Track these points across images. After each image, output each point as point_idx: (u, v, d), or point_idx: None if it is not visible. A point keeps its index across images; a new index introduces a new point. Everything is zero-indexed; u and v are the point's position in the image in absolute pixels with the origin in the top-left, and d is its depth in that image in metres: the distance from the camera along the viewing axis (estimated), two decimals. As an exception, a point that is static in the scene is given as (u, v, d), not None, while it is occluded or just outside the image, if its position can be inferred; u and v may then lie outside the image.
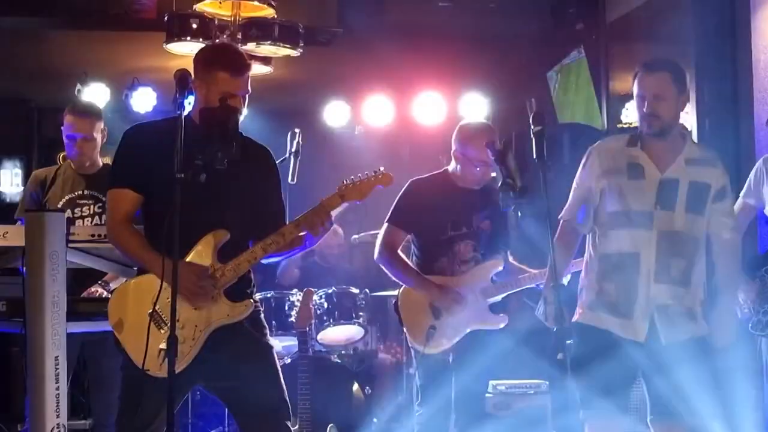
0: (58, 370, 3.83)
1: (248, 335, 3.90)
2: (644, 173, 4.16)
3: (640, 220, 4.12)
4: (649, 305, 4.08)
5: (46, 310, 3.82)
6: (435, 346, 5.09)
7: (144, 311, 3.73)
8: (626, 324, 4.10)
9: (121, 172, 3.93)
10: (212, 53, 4.00)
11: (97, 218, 5.18)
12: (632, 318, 4.09)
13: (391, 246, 5.24)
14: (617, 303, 4.13)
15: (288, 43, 6.79)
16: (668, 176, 4.15)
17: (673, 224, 4.12)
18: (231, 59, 3.91)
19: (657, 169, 4.16)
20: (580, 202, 4.27)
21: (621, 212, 4.14)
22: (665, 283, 4.10)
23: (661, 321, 4.08)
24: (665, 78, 4.15)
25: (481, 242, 5.26)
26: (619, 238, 4.15)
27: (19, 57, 8.93)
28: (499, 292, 5.23)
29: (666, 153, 4.20)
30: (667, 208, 4.13)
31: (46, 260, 3.82)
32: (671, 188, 4.14)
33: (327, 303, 6.78)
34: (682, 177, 4.16)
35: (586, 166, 4.29)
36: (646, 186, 4.14)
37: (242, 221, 3.93)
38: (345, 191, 3.98)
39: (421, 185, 5.30)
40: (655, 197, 4.12)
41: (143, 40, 8.00)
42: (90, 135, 5.27)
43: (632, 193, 4.14)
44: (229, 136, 3.55)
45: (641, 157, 4.19)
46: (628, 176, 4.16)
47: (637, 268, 4.11)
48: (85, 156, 5.29)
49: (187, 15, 6.72)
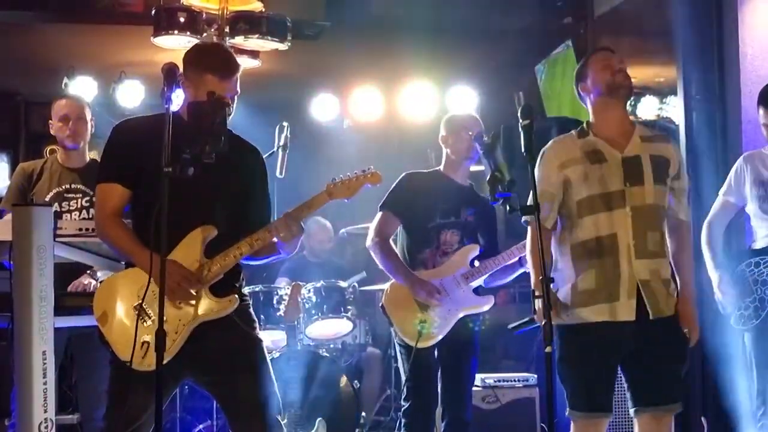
0: (45, 365, 3.82)
1: (237, 329, 3.90)
2: (605, 156, 4.15)
3: (612, 201, 4.09)
4: (633, 283, 4.05)
5: (34, 304, 3.81)
6: (427, 338, 5.11)
7: (129, 305, 3.74)
8: (614, 307, 4.06)
9: (110, 167, 3.93)
10: (201, 55, 3.99)
11: (84, 212, 5.18)
12: (619, 299, 4.05)
13: (383, 233, 5.30)
14: (600, 288, 4.08)
15: (276, 37, 6.76)
16: (628, 154, 4.15)
17: (644, 198, 4.11)
18: (220, 62, 3.92)
19: (616, 150, 4.16)
20: (540, 200, 4.22)
21: (591, 196, 4.12)
22: (645, 257, 4.07)
23: (646, 296, 4.05)
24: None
25: (467, 233, 5.32)
26: (594, 222, 4.11)
27: (5, 50, 8.91)
28: (480, 274, 5.26)
29: (619, 136, 4.20)
30: (637, 183, 4.11)
31: (34, 254, 3.81)
32: (635, 164, 4.14)
33: (315, 297, 6.78)
34: (642, 153, 4.16)
35: (541, 165, 4.25)
36: (611, 167, 4.13)
37: (229, 217, 3.93)
38: (333, 189, 3.99)
39: (414, 176, 5.43)
40: (622, 175, 4.11)
41: (130, 34, 7.98)
42: (82, 114, 5.31)
43: (598, 177, 4.12)
44: (217, 129, 3.55)
45: (597, 143, 4.19)
46: (590, 161, 4.15)
47: (617, 247, 4.07)
48: (80, 136, 5.31)
49: (175, 8, 6.69)
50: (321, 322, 6.78)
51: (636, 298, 4.05)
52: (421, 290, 5.12)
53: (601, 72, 4.23)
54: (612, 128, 4.22)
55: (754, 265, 4.74)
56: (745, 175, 4.92)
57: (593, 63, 4.29)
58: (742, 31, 6.18)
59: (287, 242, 3.91)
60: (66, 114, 5.27)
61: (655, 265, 4.10)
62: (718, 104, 6.38)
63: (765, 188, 4.87)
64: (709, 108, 6.41)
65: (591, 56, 4.35)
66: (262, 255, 4.02)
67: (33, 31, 8.58)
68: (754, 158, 4.98)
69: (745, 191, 4.91)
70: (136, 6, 6.90)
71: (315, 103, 9.16)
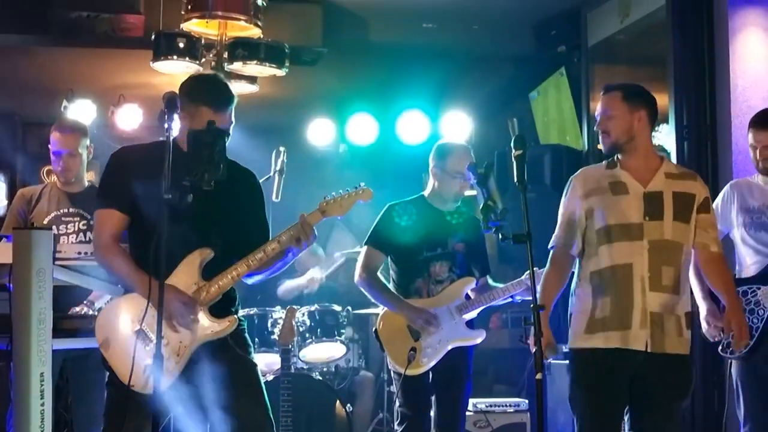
0: (43, 386, 3.86)
1: (232, 352, 3.95)
2: (628, 189, 4.24)
3: (630, 232, 4.18)
4: (645, 313, 4.14)
5: (32, 326, 3.84)
6: (416, 366, 5.15)
7: (130, 329, 3.79)
8: (626, 334, 4.14)
9: (108, 194, 3.99)
10: (197, 87, 4.05)
11: (81, 235, 5.21)
12: (631, 327, 4.14)
13: (370, 268, 5.33)
14: (614, 316, 4.17)
15: (274, 63, 6.84)
16: (651, 189, 4.24)
17: (662, 233, 4.19)
18: (215, 94, 3.99)
19: (639, 184, 4.25)
20: (569, 228, 4.32)
21: (611, 226, 4.21)
22: (658, 291, 4.16)
23: (656, 329, 4.14)
24: (616, 96, 4.32)
25: (456, 263, 5.34)
26: (611, 251, 4.20)
27: (5, 72, 8.96)
28: (474, 308, 5.30)
29: (645, 171, 4.29)
30: (656, 218, 4.20)
31: (33, 277, 3.85)
32: (656, 199, 4.23)
33: (309, 320, 6.82)
34: (665, 189, 4.25)
35: (569, 193, 4.37)
36: (632, 200, 4.22)
37: (226, 240, 3.98)
38: (326, 207, 4.05)
39: (398, 209, 5.40)
40: (642, 209, 4.20)
41: (130, 58, 8.05)
42: (75, 151, 5.32)
43: (620, 208, 4.22)
44: (216, 158, 3.62)
45: (622, 175, 4.28)
46: (613, 192, 4.25)
47: (631, 277, 4.16)
48: (71, 172, 5.33)
49: (174, 34, 6.76)
50: (315, 345, 6.82)
51: (648, 329, 4.14)
52: (418, 318, 5.16)
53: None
54: (639, 162, 4.30)
55: (741, 294, 4.78)
56: (732, 202, 4.99)
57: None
58: (733, 63, 6.26)
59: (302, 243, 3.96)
60: (58, 150, 5.31)
61: (668, 300, 4.19)
62: (710, 133, 6.46)
63: (751, 215, 4.92)
64: (701, 137, 6.49)
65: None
66: (267, 267, 4.06)
67: (33, 54, 8.63)
68: (741, 186, 5.04)
69: (731, 218, 4.97)
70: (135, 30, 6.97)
71: (311, 127, 9.22)
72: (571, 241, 4.30)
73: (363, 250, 5.40)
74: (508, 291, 5.28)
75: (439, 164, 5.34)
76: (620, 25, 7.62)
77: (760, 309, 4.73)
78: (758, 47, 6.31)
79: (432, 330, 5.16)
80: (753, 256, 4.88)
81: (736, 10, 6.30)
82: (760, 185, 4.96)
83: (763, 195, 4.92)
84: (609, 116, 4.29)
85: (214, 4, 6.59)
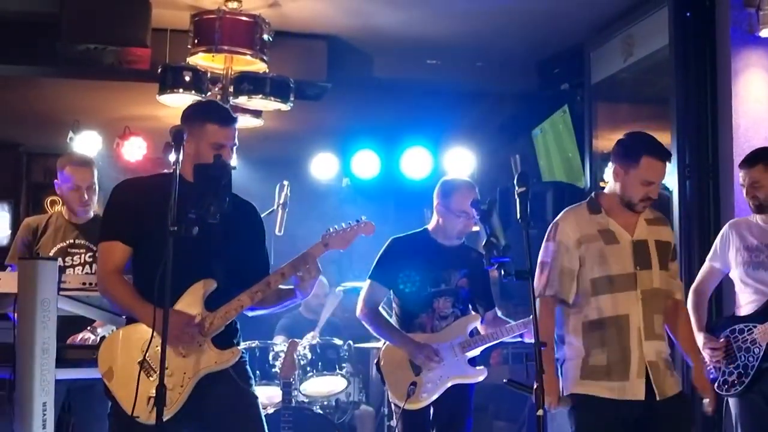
0: (45, 416, 3.87)
1: (234, 384, 3.96)
2: (617, 238, 4.26)
3: (624, 283, 4.20)
4: (642, 364, 4.15)
5: (36, 356, 3.87)
6: (415, 401, 5.14)
7: (133, 359, 3.80)
8: (624, 386, 4.15)
9: (111, 226, 4.01)
10: (200, 107, 4.17)
11: (87, 267, 5.24)
12: (629, 379, 4.15)
13: (372, 302, 5.34)
14: (611, 367, 4.17)
15: (279, 98, 6.89)
16: (638, 238, 4.27)
17: (652, 282, 4.23)
18: (219, 112, 4.07)
19: (626, 232, 4.27)
20: (565, 277, 4.28)
21: (605, 277, 4.22)
22: (653, 339, 4.19)
23: (653, 377, 4.15)
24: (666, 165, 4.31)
25: (460, 298, 5.35)
26: (607, 302, 4.21)
27: (11, 103, 9.02)
28: (476, 345, 5.31)
29: (628, 217, 4.31)
30: (646, 267, 4.24)
31: (38, 307, 3.88)
32: (643, 249, 4.26)
33: (311, 354, 6.83)
34: (649, 237, 4.29)
35: (555, 238, 4.31)
36: (623, 249, 4.24)
37: (229, 272, 4.00)
38: (329, 240, 4.07)
39: (401, 243, 5.41)
40: (632, 259, 4.23)
41: (136, 91, 8.10)
42: (92, 183, 5.38)
43: (612, 258, 4.22)
44: (222, 191, 3.65)
45: (609, 222, 4.29)
46: (605, 241, 4.25)
47: (628, 328, 4.17)
48: (90, 206, 5.38)
49: (181, 67, 6.83)
50: (316, 379, 6.82)
51: (645, 378, 4.15)
52: (419, 353, 5.16)
53: (638, 188, 4.24)
54: (620, 210, 4.31)
55: (738, 332, 4.82)
56: (730, 241, 5.01)
57: (643, 167, 4.22)
58: (735, 103, 6.31)
59: (305, 281, 3.98)
60: (79, 185, 5.34)
61: (660, 347, 4.23)
62: (711, 173, 6.49)
63: (750, 254, 4.95)
64: (702, 176, 6.51)
65: (648, 155, 4.24)
66: (270, 303, 4.09)
67: (39, 85, 8.69)
68: (740, 225, 5.07)
69: (729, 257, 5.00)
70: (142, 63, 7.01)
71: (315, 161, 9.27)
72: (568, 290, 4.26)
73: (365, 284, 5.41)
74: (512, 331, 5.27)
75: (444, 202, 5.35)
76: (623, 63, 7.67)
77: (756, 347, 4.76)
78: (760, 88, 6.36)
79: (433, 365, 5.16)
80: (751, 294, 4.90)
81: (738, 51, 6.35)
82: (759, 224, 4.99)
83: (762, 234, 4.95)
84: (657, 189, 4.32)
85: (220, 39, 6.66)
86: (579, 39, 8.11)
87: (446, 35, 7.90)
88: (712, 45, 6.53)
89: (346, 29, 7.84)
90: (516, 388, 4.09)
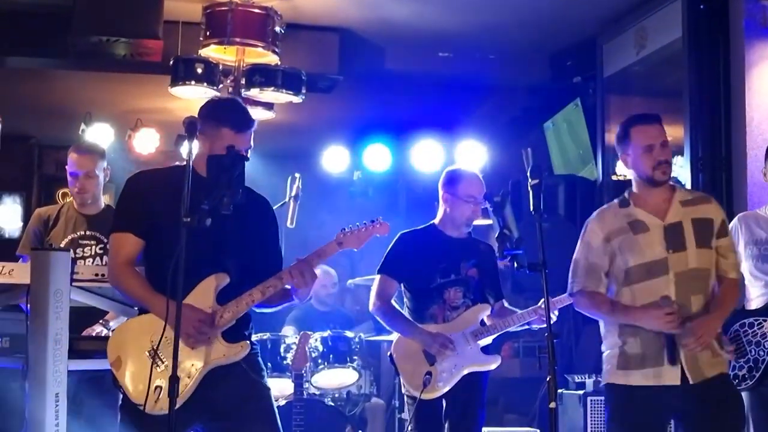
0: (58, 407, 3.88)
1: (246, 376, 3.95)
2: (646, 225, 4.26)
3: (656, 268, 4.19)
4: (676, 348, 4.14)
5: (49, 347, 3.87)
6: (431, 391, 5.14)
7: (143, 350, 3.80)
8: (659, 372, 4.15)
9: (123, 218, 4.00)
10: (218, 109, 4.09)
11: (98, 259, 5.24)
12: (664, 364, 4.14)
13: (384, 296, 5.34)
14: (645, 354, 4.17)
15: (291, 90, 6.90)
16: (670, 221, 4.25)
17: (687, 263, 4.20)
18: (237, 116, 4.02)
19: (657, 218, 4.26)
20: (591, 273, 4.31)
21: (637, 266, 4.22)
22: (688, 321, 4.14)
23: (687, 362, 4.13)
24: (662, 127, 4.31)
25: (470, 288, 5.35)
26: (639, 290, 4.21)
27: (23, 95, 9.03)
28: (489, 334, 5.31)
29: (659, 203, 4.30)
30: (679, 248, 4.21)
31: (50, 298, 3.88)
32: (676, 231, 4.23)
33: (322, 346, 6.83)
34: (684, 218, 4.26)
35: (586, 236, 4.37)
36: (653, 235, 4.23)
37: (241, 265, 3.99)
38: (343, 239, 4.07)
39: (409, 237, 5.43)
40: (664, 243, 4.21)
41: (148, 83, 8.11)
42: (92, 172, 5.35)
43: (643, 246, 4.22)
44: (236, 182, 3.64)
45: (638, 212, 4.29)
46: (633, 232, 4.26)
47: None
48: (87, 193, 5.36)
49: (193, 59, 6.83)
50: (327, 371, 6.83)
51: (681, 362, 4.13)
52: (434, 343, 5.15)
53: (643, 159, 4.25)
54: (653, 197, 4.31)
55: (748, 326, 4.80)
56: (740, 234, 4.99)
57: (635, 138, 4.27)
58: (749, 96, 6.29)
59: (300, 288, 3.99)
60: (75, 171, 5.35)
61: None
62: (724, 166, 6.48)
63: (759, 248, 4.93)
64: (715, 169, 6.50)
65: (632, 126, 4.29)
66: (274, 302, 4.08)
67: (51, 77, 8.70)
68: (749, 218, 5.05)
69: (738, 251, 4.98)
70: (154, 56, 7.02)
71: (326, 154, 9.26)
72: (596, 286, 4.30)
73: (376, 279, 5.41)
74: (523, 318, 5.29)
75: (450, 190, 5.36)
76: (636, 56, 7.65)
77: (766, 341, 4.73)
78: (774, 81, 6.35)
79: (448, 354, 5.16)
80: (761, 288, 4.88)
81: (752, 44, 6.33)
82: (766, 217, 4.97)
83: None
84: (666, 144, 4.27)
85: (232, 31, 6.67)
86: (591, 32, 8.09)
87: (458, 28, 7.89)
88: (725, 38, 6.51)
89: (358, 21, 7.84)
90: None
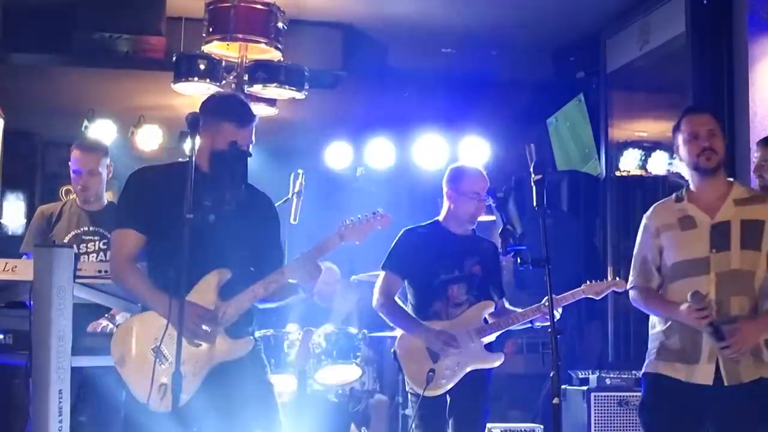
0: (61, 404, 3.88)
1: (249, 373, 3.95)
2: (695, 222, 4.24)
3: (698, 267, 4.18)
4: (714, 347, 4.10)
5: (52, 343, 3.87)
6: (435, 388, 5.14)
7: (147, 347, 3.80)
8: (693, 369, 4.13)
9: (126, 214, 4.00)
10: (219, 104, 4.08)
11: (101, 255, 5.24)
12: (699, 362, 4.13)
13: (388, 293, 5.33)
14: (684, 350, 4.17)
15: (294, 86, 6.89)
16: (718, 220, 4.22)
17: (730, 263, 4.17)
18: (238, 111, 4.01)
19: (707, 216, 4.24)
20: (644, 269, 4.34)
21: (680, 262, 4.22)
22: (727, 323, 4.08)
23: (724, 362, 4.10)
24: (711, 117, 4.31)
25: (474, 285, 5.33)
26: (681, 287, 4.19)
27: (27, 92, 9.03)
28: (492, 331, 5.30)
29: (713, 200, 4.27)
30: (723, 249, 4.18)
31: (54, 295, 3.88)
32: (723, 230, 4.20)
33: (325, 342, 6.82)
34: (733, 218, 4.21)
35: (640, 231, 4.40)
36: (699, 233, 4.21)
37: (243, 261, 3.99)
38: (345, 232, 4.04)
39: (413, 233, 5.41)
40: (708, 242, 4.19)
41: (151, 79, 8.11)
42: (95, 169, 5.36)
43: (688, 243, 4.22)
44: (238, 178, 3.64)
45: (690, 208, 4.27)
46: (681, 228, 4.25)
47: None
48: (90, 190, 5.36)
49: (195, 56, 6.83)
50: (330, 367, 6.80)
51: (716, 363, 4.10)
52: (437, 340, 5.14)
53: (688, 146, 4.25)
54: (706, 193, 4.29)
55: None
56: None
57: (683, 127, 4.28)
58: (752, 91, 6.28)
59: (305, 281, 3.98)
60: (78, 169, 5.35)
61: None
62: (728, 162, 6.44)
63: None
64: (719, 164, 6.48)
65: (682, 117, 4.31)
66: (277, 297, 4.08)
67: (54, 74, 8.71)
68: None
69: None
70: (157, 52, 7.03)
71: (329, 150, 9.24)
72: (649, 279, 4.33)
73: (380, 275, 5.40)
74: (526, 316, 5.27)
75: (454, 186, 5.35)
76: (639, 51, 7.64)
77: None
78: (777, 76, 6.34)
79: (452, 351, 5.15)
80: None
81: (755, 39, 6.32)
82: None
83: None
84: (714, 134, 4.24)
85: (235, 27, 6.66)
86: (595, 27, 8.09)
87: (461, 24, 7.89)
88: (728, 33, 6.51)
89: (362, 18, 7.84)
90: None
